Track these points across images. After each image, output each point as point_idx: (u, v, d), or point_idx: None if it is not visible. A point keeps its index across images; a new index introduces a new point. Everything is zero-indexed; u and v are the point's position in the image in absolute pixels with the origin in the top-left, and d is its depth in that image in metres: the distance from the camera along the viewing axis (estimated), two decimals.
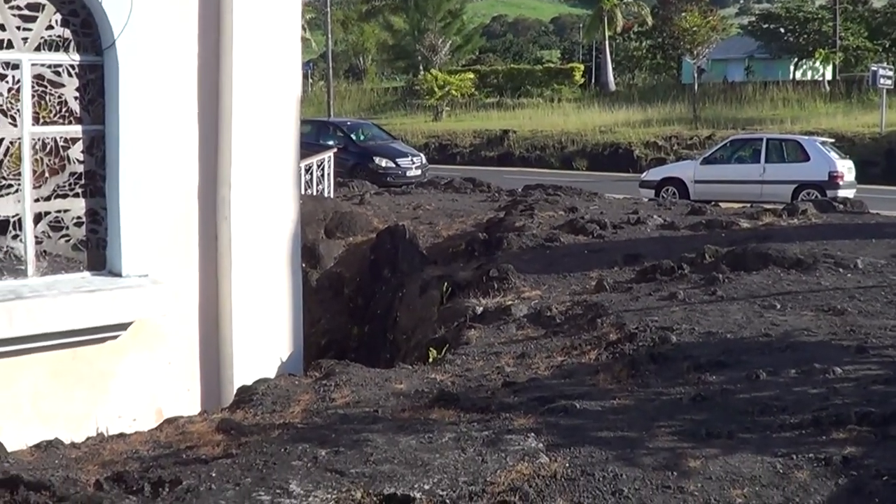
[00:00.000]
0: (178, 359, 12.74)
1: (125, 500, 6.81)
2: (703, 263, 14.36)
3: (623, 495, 6.72)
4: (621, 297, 13.09)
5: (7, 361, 11.50)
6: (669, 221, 19.48)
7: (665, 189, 31.13)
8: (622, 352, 10.38)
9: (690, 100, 61.76)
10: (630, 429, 8.00)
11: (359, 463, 7.37)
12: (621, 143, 50.68)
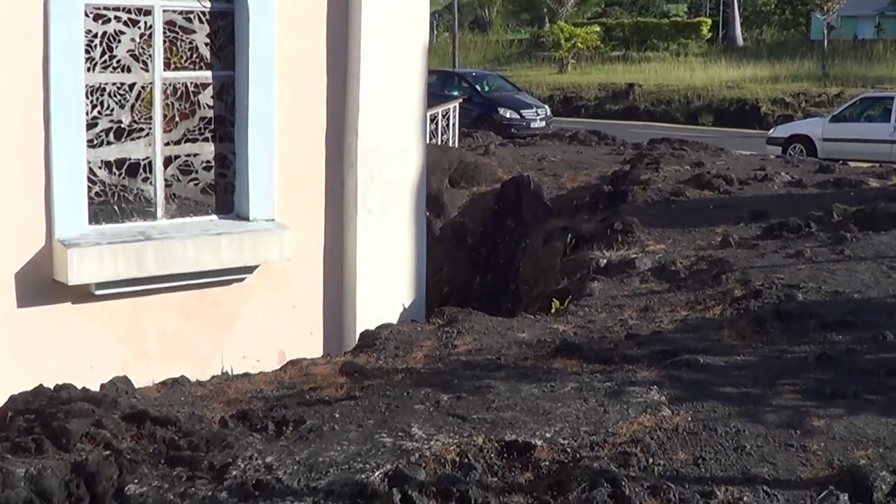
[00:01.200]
0: (303, 303, 12.89)
1: (249, 437, 6.93)
2: (831, 222, 14.12)
3: (745, 451, 6.67)
4: (747, 253, 12.95)
5: (136, 301, 11.74)
6: (797, 179, 19.16)
7: (792, 146, 30.57)
8: (747, 308, 10.27)
9: (819, 56, 60.47)
10: (754, 385, 7.93)
11: (481, 409, 7.41)
12: (748, 100, 49.81)
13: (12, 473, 6.26)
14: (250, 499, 5.98)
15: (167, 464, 6.54)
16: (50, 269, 11.26)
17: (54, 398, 7.68)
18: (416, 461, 6.46)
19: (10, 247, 11.11)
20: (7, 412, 7.61)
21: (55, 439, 6.77)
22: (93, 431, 6.82)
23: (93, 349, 11.40)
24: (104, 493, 6.16)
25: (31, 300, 11.26)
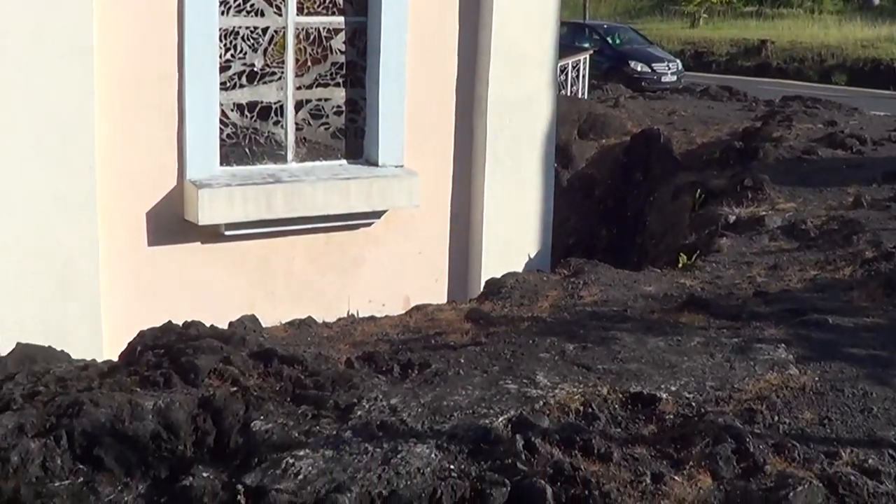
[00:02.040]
0: (429, 249, 12.94)
1: (374, 378, 6.97)
2: None
3: (872, 414, 6.55)
4: (879, 214, 12.67)
5: (264, 243, 11.90)
6: None
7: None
8: (878, 270, 10.05)
9: None
10: (883, 348, 7.77)
11: (606, 360, 7.37)
12: (883, 59, 48.55)
13: (141, 406, 6.37)
14: (374, 439, 6.02)
15: (293, 402, 6.60)
16: (181, 210, 11.44)
17: (183, 334, 7.80)
18: (539, 409, 6.44)
19: (142, 187, 11.31)
20: (136, 347, 7.75)
21: (183, 374, 6.88)
22: (220, 368, 6.91)
23: (221, 288, 11.59)
24: (230, 428, 6.24)
25: (161, 239, 11.47)
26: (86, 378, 7.12)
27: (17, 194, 10.57)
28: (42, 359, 7.85)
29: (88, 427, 6.21)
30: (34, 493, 5.90)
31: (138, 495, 5.86)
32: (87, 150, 10.80)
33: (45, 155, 10.62)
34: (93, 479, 6.01)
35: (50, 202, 10.68)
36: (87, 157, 10.81)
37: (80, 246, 10.90)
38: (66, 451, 6.17)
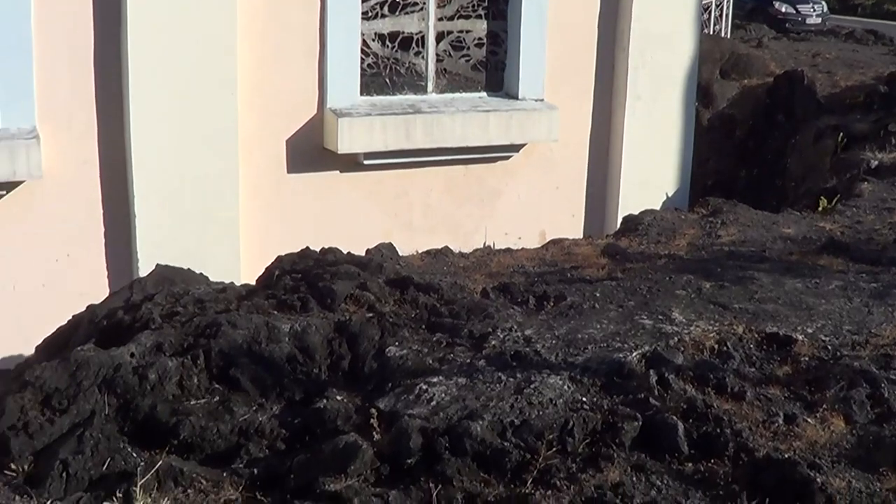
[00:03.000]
0: (566, 184, 12.88)
1: (509, 309, 6.98)
2: None
3: None
4: None
5: (402, 173, 11.95)
6: None
7: None
8: None
9: None
10: None
11: (742, 299, 7.29)
12: None
13: (278, 329, 6.46)
14: (507, 369, 6.03)
15: (428, 329, 6.65)
16: (321, 138, 11.54)
17: (320, 260, 7.87)
18: (674, 345, 6.40)
19: (283, 114, 11.42)
20: (274, 271, 7.85)
21: (320, 299, 6.95)
22: (357, 293, 6.98)
23: (358, 217, 11.68)
24: (365, 353, 6.31)
25: (301, 167, 11.59)
26: (224, 300, 7.23)
27: (163, 120, 10.76)
28: (181, 280, 8.00)
29: (225, 348, 6.32)
30: (170, 411, 6.03)
31: (272, 416, 5.96)
32: (230, 79, 10.94)
33: (190, 83, 10.78)
34: (228, 398, 6.12)
35: (193, 129, 10.85)
36: (229, 86, 10.95)
37: (222, 172, 11.08)
38: (202, 371, 6.29)
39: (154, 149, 10.88)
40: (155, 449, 5.86)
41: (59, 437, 6.07)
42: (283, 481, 5.41)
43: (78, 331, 7.55)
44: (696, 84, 14.01)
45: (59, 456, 5.87)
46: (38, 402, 6.30)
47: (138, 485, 5.41)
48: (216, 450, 5.80)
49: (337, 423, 5.71)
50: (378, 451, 5.39)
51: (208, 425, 5.85)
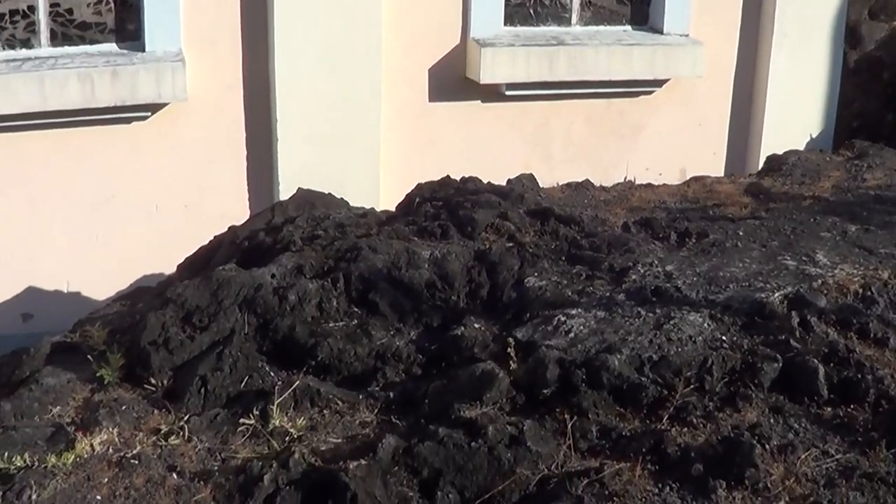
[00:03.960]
0: (708, 121, 12.67)
1: (650, 244, 6.91)
2: None
3: None
4: None
5: (544, 105, 11.86)
6: None
7: None
8: None
9: None
10: None
11: (888, 244, 7.10)
12: None
13: (417, 255, 6.49)
14: (647, 304, 5.98)
15: (567, 261, 6.61)
16: (463, 68, 11.50)
17: (461, 189, 7.87)
18: (817, 287, 6.25)
19: (426, 44, 11.39)
20: (415, 198, 7.87)
21: (460, 227, 6.96)
22: (497, 223, 6.96)
23: (498, 147, 11.64)
24: (504, 283, 6.30)
25: (442, 96, 11.57)
26: (364, 225, 7.28)
27: (308, 47, 10.82)
28: (322, 204, 8.06)
29: (365, 272, 6.37)
30: (309, 332, 6.10)
31: (410, 341, 5.99)
32: (375, 8, 10.94)
33: (334, 11, 10.82)
34: (366, 322, 6.17)
35: (337, 56, 10.89)
36: (374, 15, 10.95)
37: (365, 99, 11.11)
38: (342, 294, 6.35)
39: (298, 74, 10.94)
40: (292, 369, 5.95)
41: (199, 354, 6.18)
42: (418, 406, 5.46)
43: (219, 251, 7.67)
44: (844, 24, 13.64)
45: (198, 372, 5.99)
46: (178, 319, 6.43)
47: (275, 403, 5.49)
48: (353, 372, 5.86)
49: (474, 350, 5.73)
50: (514, 381, 5.40)
51: (346, 348, 5.91)
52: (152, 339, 6.30)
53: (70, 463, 5.37)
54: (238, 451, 5.30)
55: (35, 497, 5.14)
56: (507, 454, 4.80)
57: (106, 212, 11.25)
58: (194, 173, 11.24)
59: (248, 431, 5.43)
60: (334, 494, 4.72)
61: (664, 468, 4.81)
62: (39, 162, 11.13)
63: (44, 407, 6.23)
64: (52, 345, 7.08)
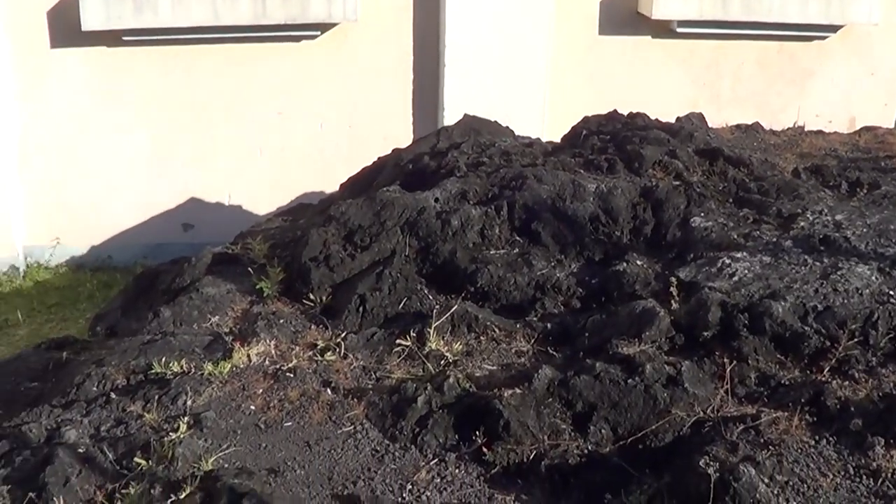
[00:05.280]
0: (882, 71, 12.32)
1: (820, 192, 6.74)
2: None
3: None
4: None
5: (714, 44, 11.68)
6: None
7: None
8: None
9: None
10: None
11: None
12: None
13: (583, 187, 6.42)
14: (814, 252, 5.84)
15: (735, 204, 6.49)
16: (635, 2, 11.35)
17: (629, 124, 7.77)
18: None
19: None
20: (581, 131, 7.80)
21: (627, 162, 6.87)
22: (665, 160, 6.86)
23: (666, 84, 11.50)
24: (668, 221, 6.21)
25: (612, 29, 11.46)
26: (529, 154, 7.23)
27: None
28: (487, 132, 8.03)
29: (529, 201, 6.33)
30: (470, 258, 6.09)
31: (570, 273, 5.95)
32: None
33: None
34: (528, 251, 6.14)
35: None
36: None
37: (535, 29, 11.05)
38: (504, 222, 6.32)
39: (469, 1, 10.91)
40: (451, 294, 5.96)
41: (359, 273, 6.23)
42: (576, 339, 5.42)
43: (382, 172, 7.70)
44: None
45: (357, 291, 6.03)
46: (340, 237, 6.47)
47: (432, 326, 5.51)
48: (511, 301, 5.85)
49: (635, 287, 5.67)
50: (674, 321, 5.33)
51: (506, 276, 5.90)
52: (313, 256, 6.37)
53: (226, 372, 5.47)
54: (393, 372, 5.33)
55: (190, 403, 5.24)
56: (663, 394, 4.75)
57: (271, 127, 11.41)
58: (360, 94, 11.32)
59: (404, 352, 5.45)
60: (487, 421, 4.72)
61: (822, 420, 4.70)
62: (208, 76, 11.32)
63: (203, 315, 6.34)
64: (213, 255, 7.21)
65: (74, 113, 11.57)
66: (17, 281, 11.71)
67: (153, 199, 11.71)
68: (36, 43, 11.33)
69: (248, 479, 4.42)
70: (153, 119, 11.53)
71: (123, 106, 11.53)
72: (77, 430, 5.12)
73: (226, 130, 11.51)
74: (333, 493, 4.51)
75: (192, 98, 11.45)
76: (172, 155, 11.65)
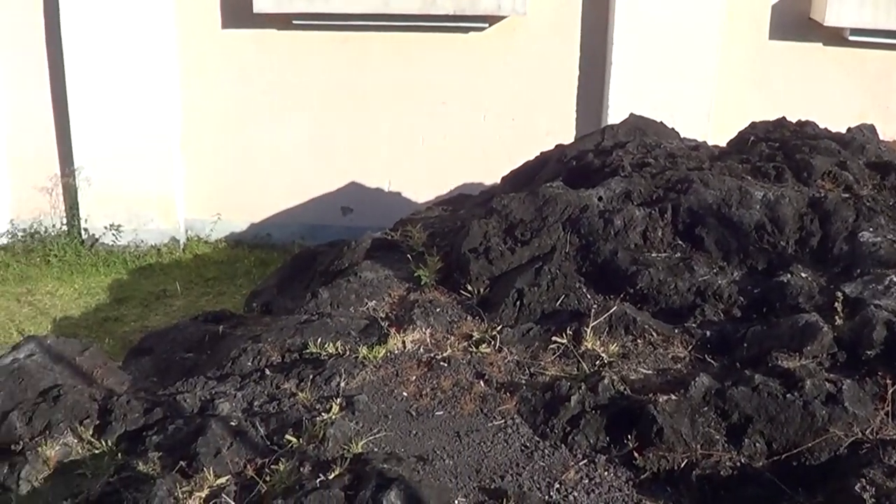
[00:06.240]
0: None
1: None
2: None
3: None
4: None
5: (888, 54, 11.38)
6: None
7: None
8: None
9: None
10: None
11: None
12: None
13: (750, 194, 6.31)
14: None
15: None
16: (808, 8, 11.14)
17: (798, 132, 7.63)
18: None
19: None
20: (748, 136, 7.68)
21: (796, 171, 6.74)
22: (835, 171, 6.70)
23: (835, 93, 11.26)
24: (836, 234, 6.07)
25: (783, 34, 11.27)
26: (695, 157, 7.14)
27: None
28: (652, 132, 7.95)
29: (695, 205, 6.25)
30: (631, 259, 6.04)
31: (732, 281, 5.86)
32: None
33: None
34: (690, 256, 6.07)
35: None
36: None
37: (703, 31, 10.97)
38: (667, 225, 6.26)
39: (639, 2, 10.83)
40: (609, 294, 5.92)
41: (518, 267, 6.23)
42: (734, 349, 5.34)
43: (545, 167, 7.67)
44: None
45: (516, 285, 6.03)
46: (501, 230, 6.48)
47: (589, 326, 5.47)
48: (670, 305, 5.79)
49: (798, 299, 5.56)
50: (837, 337, 5.21)
51: (667, 280, 5.84)
52: (473, 247, 6.38)
53: (380, 357, 5.52)
54: (547, 368, 5.32)
55: (343, 385, 5.30)
56: (821, 411, 4.64)
57: (434, 117, 11.46)
58: (524, 88, 11.31)
59: (559, 350, 5.43)
60: (640, 425, 4.68)
61: None
62: (374, 63, 11.42)
63: (360, 299, 6.40)
64: (372, 240, 7.27)
65: (241, 93, 11.78)
66: (177, 253, 11.98)
67: (314, 180, 11.86)
68: (207, 23, 11.57)
69: (396, 465, 4.44)
70: (317, 102, 11.68)
71: (289, 88, 11.70)
72: (230, 403, 5.22)
73: (389, 117, 11.60)
74: (481, 486, 4.52)
75: (357, 83, 11.56)
76: (335, 139, 11.78)
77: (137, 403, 5.42)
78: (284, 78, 11.67)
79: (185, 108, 11.87)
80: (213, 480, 4.51)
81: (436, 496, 4.29)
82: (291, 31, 11.42)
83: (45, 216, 12.22)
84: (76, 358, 6.14)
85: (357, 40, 11.40)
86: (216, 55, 11.70)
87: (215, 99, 11.85)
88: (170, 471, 4.65)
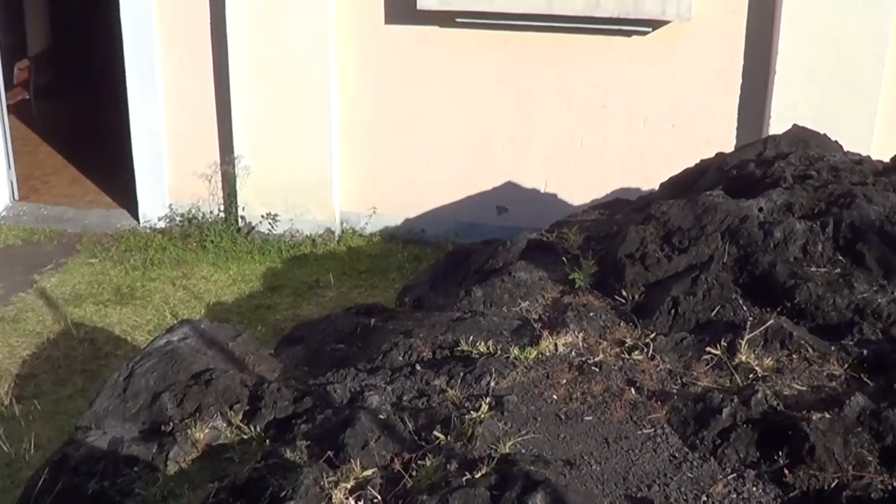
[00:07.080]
0: None
1: None
2: None
3: None
4: None
5: None
6: None
7: None
8: None
9: None
10: None
11: None
12: None
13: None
14: None
15: None
16: None
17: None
18: None
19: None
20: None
21: None
22: None
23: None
24: None
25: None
26: (859, 172, 7.01)
27: None
28: (815, 144, 7.82)
29: (857, 221, 6.13)
30: (789, 272, 5.94)
31: (892, 300, 5.73)
32: None
33: None
34: (850, 272, 5.95)
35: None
36: None
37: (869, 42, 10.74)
38: (828, 239, 6.15)
39: (804, 10, 10.65)
40: (765, 307, 5.83)
41: (674, 275, 6.18)
42: (891, 369, 5.22)
43: (705, 175, 7.60)
44: None
45: (671, 293, 5.98)
46: (658, 237, 6.44)
47: (745, 338, 5.40)
48: (828, 321, 5.68)
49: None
50: None
51: (825, 295, 5.73)
52: (629, 253, 6.35)
53: (532, 358, 5.51)
54: (699, 379, 5.27)
55: (493, 384, 5.31)
56: None
57: (593, 119, 11.45)
58: (686, 94, 11.24)
59: (713, 361, 5.37)
60: (792, 442, 4.60)
61: None
62: (537, 63, 11.45)
63: (513, 299, 6.42)
64: (528, 241, 7.28)
65: (401, 88, 11.90)
66: (331, 244, 12.15)
67: (469, 179, 11.93)
68: (370, 18, 11.71)
69: (543, 468, 4.44)
70: (477, 100, 11.75)
71: (449, 85, 11.79)
72: (380, 396, 5.26)
73: (547, 118, 11.62)
74: (627, 494, 4.50)
75: (517, 83, 11.60)
76: (492, 137, 11.83)
77: (287, 391, 5.50)
78: (444, 75, 11.77)
79: (344, 101, 12.02)
80: (359, 472, 4.55)
81: (582, 501, 4.28)
82: (453, 29, 11.50)
83: (203, 202, 12.51)
84: (229, 343, 6.27)
85: (517, 40, 11.43)
86: (378, 50, 11.84)
87: (375, 93, 11.99)
88: (317, 460, 4.71)
